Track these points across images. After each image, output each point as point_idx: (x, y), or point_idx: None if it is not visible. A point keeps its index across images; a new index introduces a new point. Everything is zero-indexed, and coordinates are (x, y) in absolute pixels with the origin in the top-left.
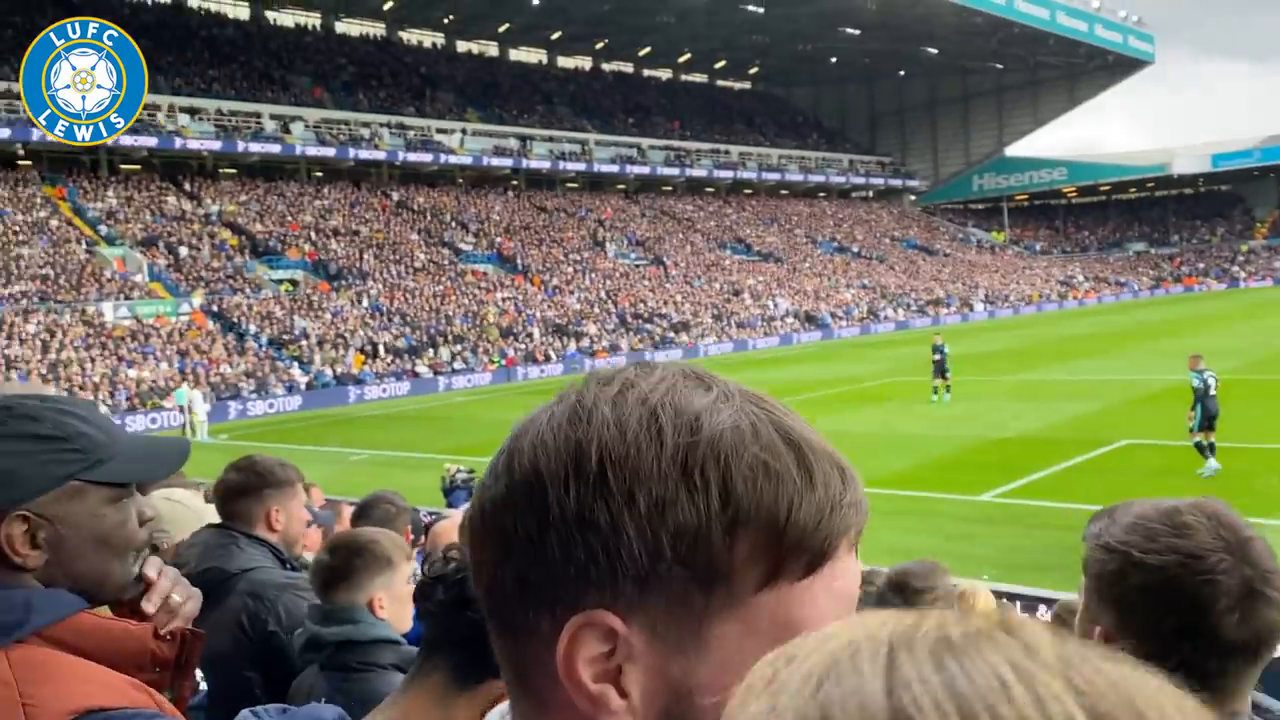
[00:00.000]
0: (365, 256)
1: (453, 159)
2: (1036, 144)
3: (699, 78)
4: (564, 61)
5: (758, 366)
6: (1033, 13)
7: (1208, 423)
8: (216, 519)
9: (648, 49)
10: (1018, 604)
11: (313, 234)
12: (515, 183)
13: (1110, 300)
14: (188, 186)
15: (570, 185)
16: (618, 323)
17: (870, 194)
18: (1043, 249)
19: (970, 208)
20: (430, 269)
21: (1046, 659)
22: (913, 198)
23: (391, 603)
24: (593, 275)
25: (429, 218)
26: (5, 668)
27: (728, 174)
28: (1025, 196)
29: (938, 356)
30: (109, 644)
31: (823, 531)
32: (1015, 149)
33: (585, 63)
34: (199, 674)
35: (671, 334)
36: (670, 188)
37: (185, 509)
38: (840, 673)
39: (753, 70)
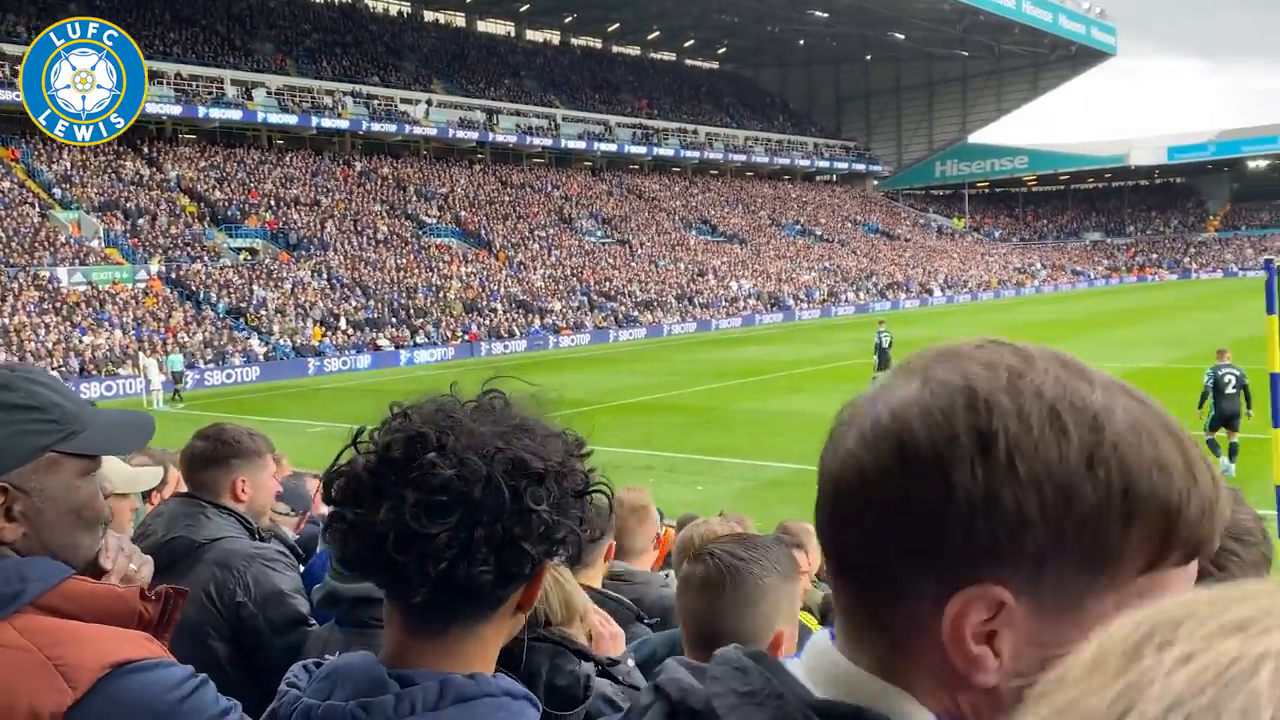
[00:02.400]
0: (327, 227)
1: (417, 130)
2: (999, 132)
3: (667, 56)
4: (532, 35)
5: (721, 346)
6: (999, 0)
7: (1221, 421)
8: (123, 489)
9: (616, 25)
10: None
11: (273, 202)
12: (480, 156)
13: (1066, 288)
14: (146, 151)
15: (536, 160)
16: (582, 300)
17: (834, 177)
18: (1002, 236)
19: (932, 193)
20: (393, 241)
21: None
22: (876, 182)
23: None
24: (558, 252)
25: (392, 189)
26: (15, 636)
27: (695, 154)
28: (986, 184)
29: (884, 345)
30: (98, 607)
31: (1205, 526)
32: (978, 136)
33: (553, 37)
34: None
35: (636, 313)
36: (637, 166)
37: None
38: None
39: (721, 50)
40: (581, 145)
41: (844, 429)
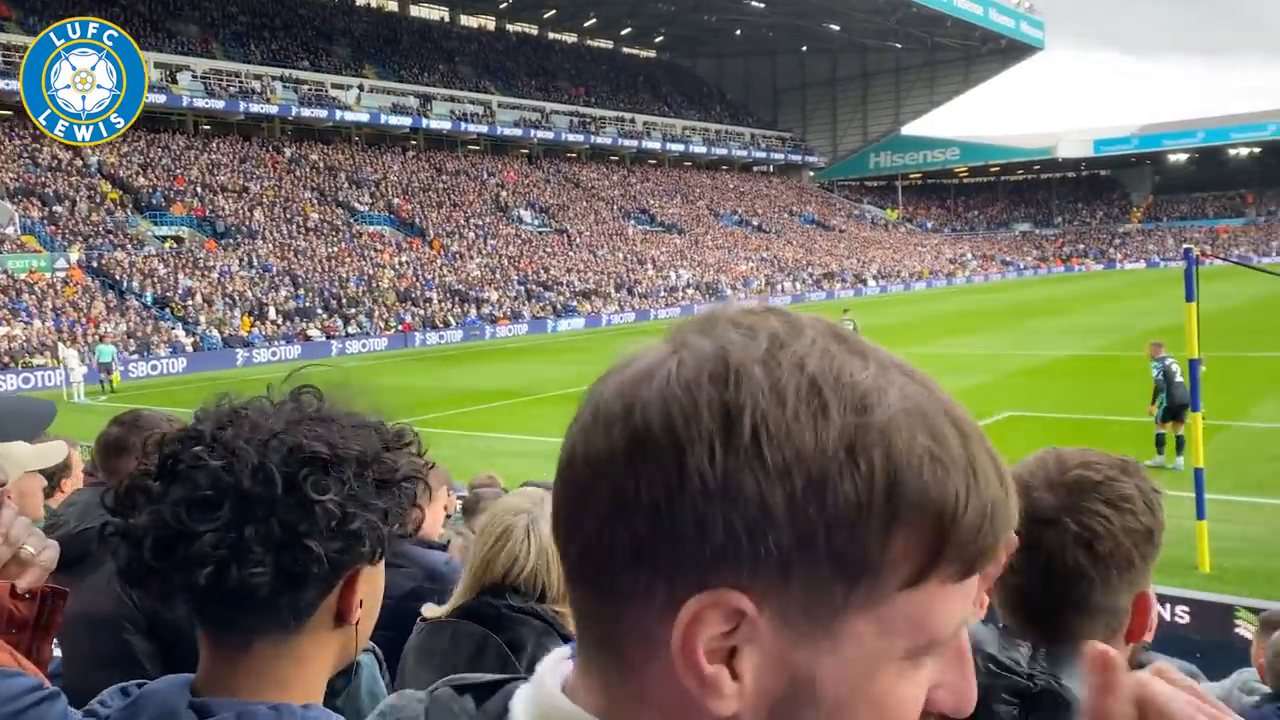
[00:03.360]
0: (255, 214)
1: (349, 116)
2: (931, 125)
3: (604, 43)
4: (467, 20)
5: (659, 335)
6: None
7: (1173, 413)
8: (36, 465)
9: (553, 12)
10: None
11: (199, 189)
12: (414, 143)
13: (996, 278)
14: None
15: (472, 147)
16: (520, 289)
17: (771, 168)
18: (934, 227)
19: (866, 184)
20: (323, 229)
21: None
22: (811, 173)
23: None
24: (494, 241)
25: (323, 176)
26: None
27: (632, 143)
28: (919, 175)
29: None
30: None
31: (986, 534)
32: (911, 128)
33: (488, 22)
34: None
35: (574, 302)
36: (574, 154)
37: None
38: None
39: (658, 39)
40: (518, 133)
41: (581, 406)
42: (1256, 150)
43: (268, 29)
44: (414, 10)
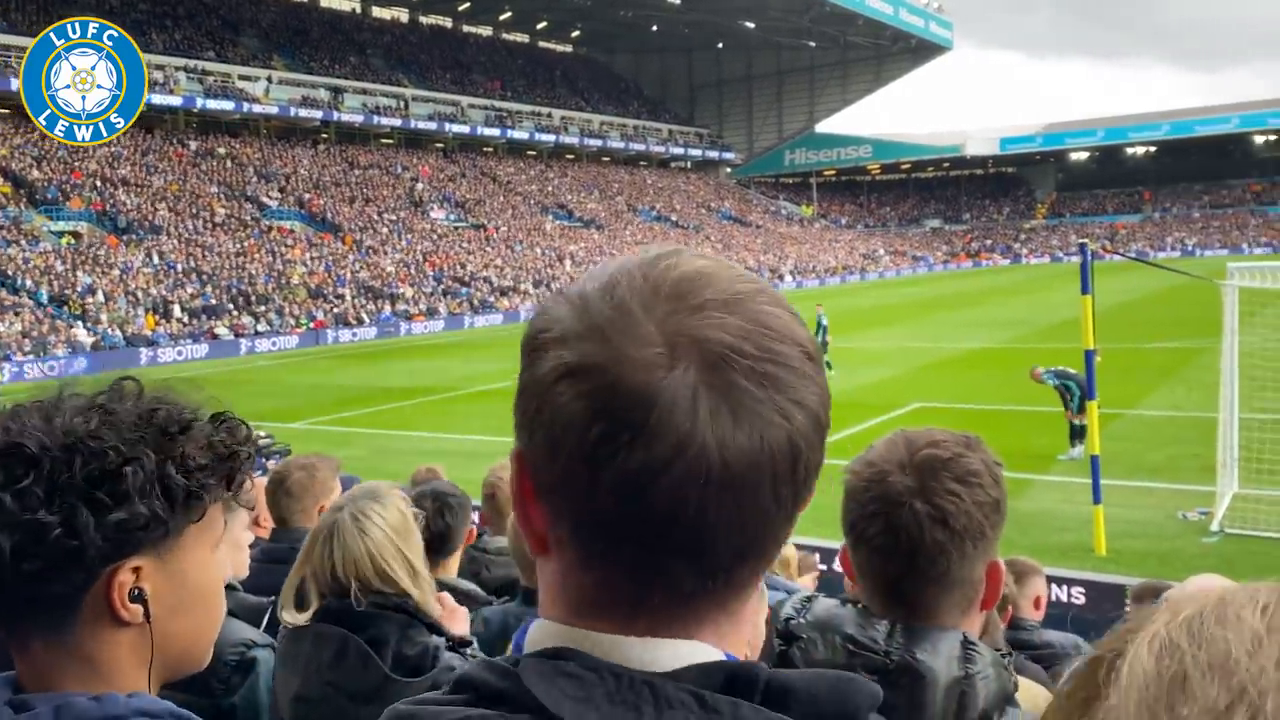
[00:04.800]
0: (158, 209)
1: (257, 108)
2: (844, 123)
3: (520, 37)
4: (379, 12)
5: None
6: None
7: (1081, 404)
8: None
9: (467, 4)
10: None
11: (98, 183)
12: (325, 136)
13: (908, 273)
14: None
15: (385, 141)
16: (435, 286)
17: (689, 164)
18: (848, 223)
19: (782, 181)
20: (231, 224)
21: None
22: (729, 170)
23: None
24: (409, 236)
25: (230, 170)
26: None
27: (550, 138)
28: (833, 172)
29: (824, 325)
30: None
31: None
32: (825, 126)
33: (401, 14)
34: None
35: (492, 299)
36: (491, 149)
37: None
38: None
39: (575, 34)
40: (432, 126)
41: (704, 398)
42: (1152, 149)
43: (170, 18)
44: (324, 1)
